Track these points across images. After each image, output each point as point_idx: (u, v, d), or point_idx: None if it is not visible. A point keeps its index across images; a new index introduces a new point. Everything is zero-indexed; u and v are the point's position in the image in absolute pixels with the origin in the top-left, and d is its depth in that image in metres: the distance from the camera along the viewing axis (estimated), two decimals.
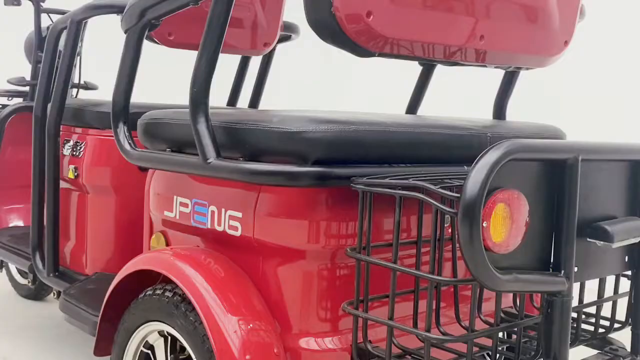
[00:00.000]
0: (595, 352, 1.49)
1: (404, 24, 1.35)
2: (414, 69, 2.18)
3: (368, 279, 1.28)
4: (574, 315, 1.46)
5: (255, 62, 2.81)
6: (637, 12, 4.14)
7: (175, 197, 1.60)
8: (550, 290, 1.18)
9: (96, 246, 2.21)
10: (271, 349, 1.32)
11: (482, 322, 1.41)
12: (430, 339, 1.16)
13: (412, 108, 2.27)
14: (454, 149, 1.49)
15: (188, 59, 2.78)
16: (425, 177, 1.24)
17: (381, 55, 1.38)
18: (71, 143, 2.24)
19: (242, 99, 2.91)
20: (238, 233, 1.43)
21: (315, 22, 1.30)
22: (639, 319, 1.41)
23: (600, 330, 1.51)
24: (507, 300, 1.63)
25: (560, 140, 1.18)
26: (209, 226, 1.51)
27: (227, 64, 2.78)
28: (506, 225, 1.07)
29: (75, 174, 2.19)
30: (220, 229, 1.48)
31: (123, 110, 1.63)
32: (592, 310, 1.52)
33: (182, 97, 2.79)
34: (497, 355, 1.28)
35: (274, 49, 2.70)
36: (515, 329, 1.35)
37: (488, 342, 1.38)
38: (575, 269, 1.23)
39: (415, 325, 1.28)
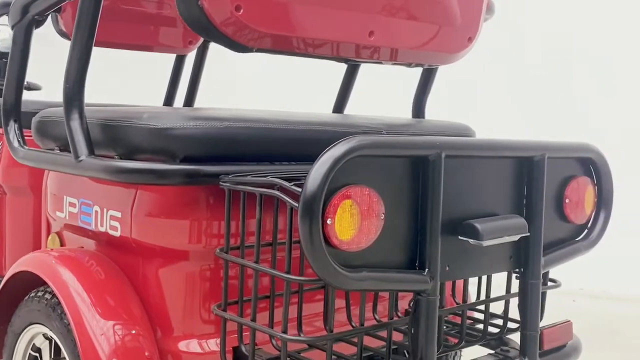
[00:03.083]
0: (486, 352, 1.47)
1: (281, 19, 1.32)
2: (403, 72, 2.07)
3: (243, 279, 1.25)
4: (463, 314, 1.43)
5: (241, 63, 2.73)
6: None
7: (65, 197, 1.57)
8: (412, 290, 1.15)
9: (14, 247, 2.16)
10: (142, 353, 1.29)
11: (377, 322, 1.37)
12: (285, 339, 1.13)
13: (339, 107, 2.25)
14: None
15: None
16: (290, 174, 1.21)
17: (259, 50, 1.35)
18: None
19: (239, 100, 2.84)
20: (118, 234, 1.40)
21: (186, 16, 1.27)
22: (527, 319, 1.37)
23: (496, 330, 1.49)
24: None
25: (420, 137, 1.15)
26: (93, 227, 1.47)
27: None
28: (354, 222, 1.04)
29: None
30: (102, 229, 1.44)
31: (14, 108, 1.60)
32: (498, 310, 1.50)
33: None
34: (372, 356, 1.26)
35: (207, 48, 2.67)
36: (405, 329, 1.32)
37: (375, 342, 1.36)
38: (447, 267, 1.21)
39: (300, 327, 1.25)
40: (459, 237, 1.21)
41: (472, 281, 1.44)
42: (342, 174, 1.03)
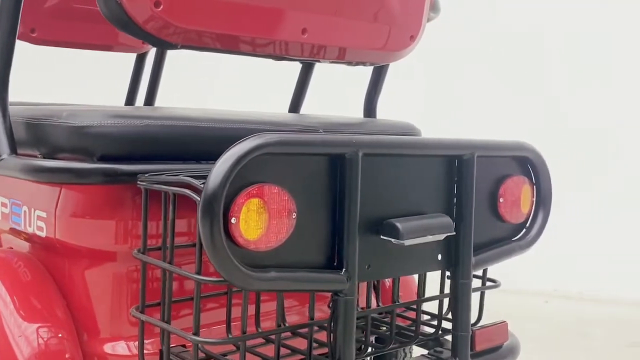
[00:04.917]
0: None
1: (204, 14, 1.30)
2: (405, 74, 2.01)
3: (165, 281, 1.23)
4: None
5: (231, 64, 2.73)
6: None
7: None
8: (328, 290, 1.13)
9: None
10: (62, 355, 1.26)
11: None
12: (196, 341, 1.11)
13: (295, 107, 2.24)
14: None
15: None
16: (206, 173, 1.19)
17: (185, 47, 1.33)
18: None
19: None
20: (43, 234, 1.38)
21: (106, 13, 1.25)
22: (459, 320, 1.36)
23: (432, 330, 1.48)
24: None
25: (335, 135, 1.13)
26: (22, 227, 1.45)
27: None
28: (262, 221, 1.02)
29: None
30: (30, 230, 1.42)
31: None
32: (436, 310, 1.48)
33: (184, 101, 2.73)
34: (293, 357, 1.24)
35: None
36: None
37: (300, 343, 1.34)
38: (367, 267, 1.19)
39: (228, 328, 1.23)
40: (381, 237, 1.19)
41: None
42: (248, 172, 1.01)
